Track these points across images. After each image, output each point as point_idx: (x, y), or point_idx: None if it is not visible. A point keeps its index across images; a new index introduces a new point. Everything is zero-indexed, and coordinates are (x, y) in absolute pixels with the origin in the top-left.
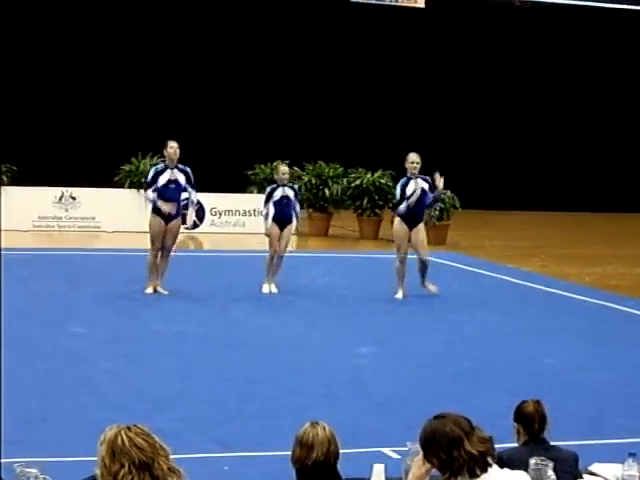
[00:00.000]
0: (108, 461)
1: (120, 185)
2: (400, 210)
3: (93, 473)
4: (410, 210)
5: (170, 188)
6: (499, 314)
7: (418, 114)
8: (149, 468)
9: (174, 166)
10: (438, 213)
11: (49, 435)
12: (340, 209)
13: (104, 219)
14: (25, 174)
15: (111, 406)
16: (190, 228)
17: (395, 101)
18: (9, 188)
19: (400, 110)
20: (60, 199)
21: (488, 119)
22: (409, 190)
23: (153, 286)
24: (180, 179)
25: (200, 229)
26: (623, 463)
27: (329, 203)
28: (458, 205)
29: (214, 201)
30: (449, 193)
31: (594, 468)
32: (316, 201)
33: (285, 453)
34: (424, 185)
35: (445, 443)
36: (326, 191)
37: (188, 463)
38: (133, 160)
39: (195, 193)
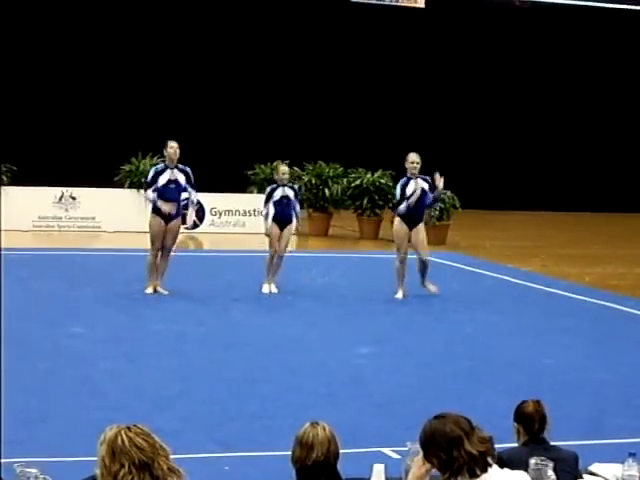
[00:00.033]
0: (108, 461)
1: (120, 185)
2: (400, 210)
3: (93, 473)
4: (410, 210)
5: (170, 188)
6: (499, 314)
7: (418, 114)
8: (149, 468)
9: (174, 166)
10: (438, 213)
11: (49, 435)
12: (340, 209)
13: (104, 219)
14: (25, 174)
15: (111, 406)
16: (190, 228)
17: (395, 101)
18: (9, 188)
19: (400, 110)
20: (60, 199)
21: (488, 119)
22: (409, 190)
23: (153, 286)
24: (180, 179)
25: (200, 229)
26: (623, 463)
27: (329, 203)
28: (458, 205)
29: (214, 201)
30: (449, 193)
31: (594, 468)
32: (316, 201)
33: (285, 453)
34: (424, 185)
35: (445, 443)
36: (326, 191)
37: (188, 463)
38: (133, 160)
39: (195, 193)
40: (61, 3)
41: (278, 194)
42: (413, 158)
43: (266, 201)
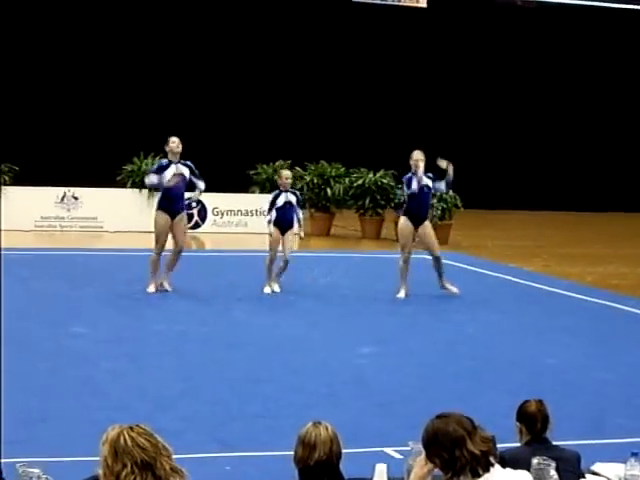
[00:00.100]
0: (110, 461)
1: (122, 185)
2: (413, 189)
3: (95, 473)
4: (414, 207)
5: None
6: (501, 313)
7: (420, 114)
8: (151, 468)
9: (177, 161)
10: (440, 213)
11: (51, 435)
12: (342, 209)
13: (106, 219)
14: (27, 174)
15: (113, 406)
16: (192, 228)
17: (397, 101)
18: (11, 188)
19: (402, 110)
20: (62, 199)
21: (490, 119)
22: (413, 186)
23: (156, 284)
24: (185, 173)
25: (202, 229)
26: (625, 463)
27: (331, 203)
28: (460, 205)
29: (216, 201)
30: (451, 193)
31: (596, 468)
32: (318, 201)
33: (287, 453)
34: (428, 182)
35: (447, 443)
36: (328, 191)
37: (190, 463)
38: (135, 160)
39: (202, 182)
40: (62, 3)
41: (281, 200)
42: (417, 156)
43: (270, 208)
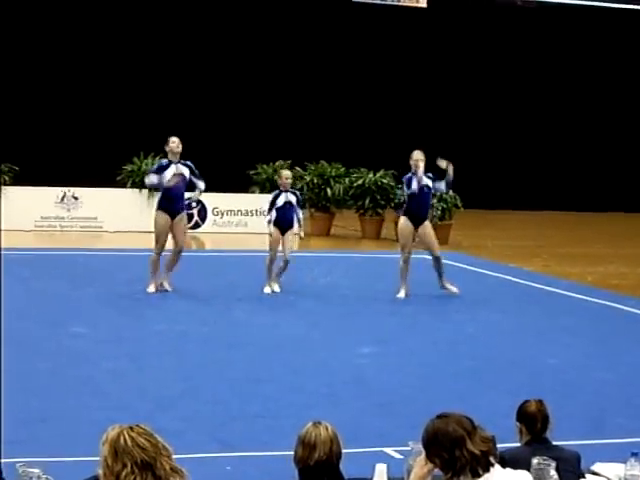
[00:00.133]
0: (110, 461)
1: (122, 185)
2: (413, 189)
3: (95, 473)
4: (414, 207)
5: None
6: (501, 313)
7: (420, 114)
8: (151, 468)
9: (177, 161)
10: (440, 213)
11: (51, 435)
12: (342, 209)
13: (106, 219)
14: (27, 174)
15: (113, 406)
16: (192, 228)
17: (397, 101)
18: (11, 188)
19: (402, 110)
20: (62, 199)
21: (490, 119)
22: (413, 186)
23: (156, 284)
24: (185, 173)
25: (202, 229)
26: (625, 463)
27: (331, 203)
28: (460, 205)
29: (216, 201)
30: (451, 193)
31: (596, 468)
32: (318, 201)
33: (287, 453)
34: (428, 182)
35: (447, 443)
36: (328, 191)
37: (190, 463)
38: (135, 160)
39: (202, 182)
40: (62, 3)
41: (281, 200)
42: (417, 156)
43: (270, 208)
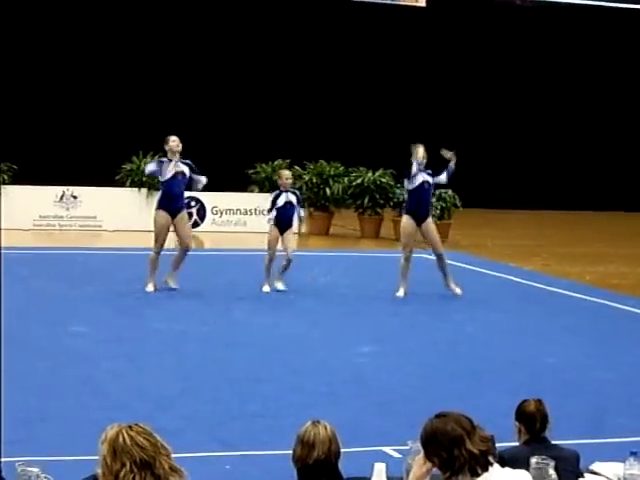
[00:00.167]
0: (109, 460)
1: (121, 184)
2: (412, 171)
3: (94, 472)
4: (415, 204)
5: (177, 180)
6: (500, 313)
7: (419, 113)
8: (150, 467)
9: (177, 160)
10: (439, 212)
11: (50, 434)
12: (341, 208)
13: (105, 218)
14: (26, 173)
15: (112, 405)
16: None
17: (396, 100)
18: (10, 187)
19: (401, 109)
20: (61, 198)
21: (489, 118)
22: (414, 169)
23: (154, 284)
24: (185, 171)
25: (201, 228)
26: (624, 462)
27: (330, 202)
28: (459, 204)
29: (215, 200)
30: (450, 192)
31: (595, 467)
32: (317, 200)
33: (286, 452)
34: (429, 179)
35: (446, 442)
36: (327, 190)
37: (190, 462)
38: (134, 159)
39: (203, 177)
40: (62, 3)
41: (282, 200)
42: (421, 154)
43: (271, 208)
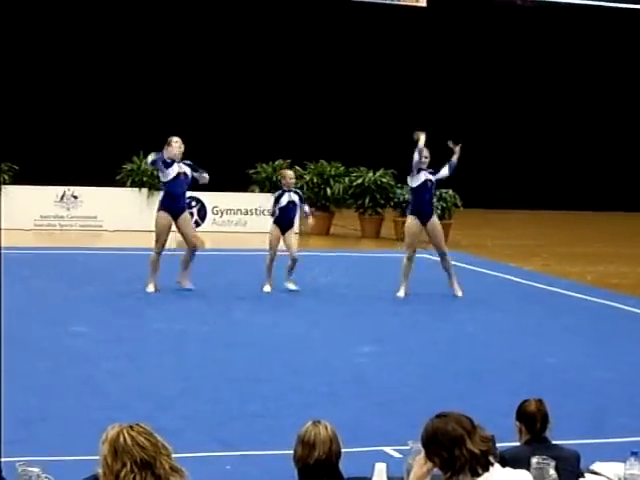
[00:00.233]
0: (110, 460)
1: (122, 184)
2: (414, 160)
3: (95, 472)
4: (419, 203)
5: (180, 180)
6: (501, 313)
7: (420, 113)
8: (151, 467)
9: (180, 161)
10: (440, 212)
11: (51, 434)
12: (342, 208)
13: (106, 218)
14: (27, 173)
15: (113, 405)
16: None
17: (397, 100)
18: (11, 187)
19: (402, 109)
20: (62, 198)
21: (490, 118)
22: (415, 157)
23: (155, 284)
24: (187, 172)
25: (201, 228)
26: (625, 462)
27: (331, 202)
28: (460, 204)
29: (216, 200)
30: (451, 192)
31: (596, 467)
32: (318, 200)
33: (287, 452)
34: (431, 177)
35: (447, 442)
36: (328, 190)
37: (190, 462)
38: (135, 159)
39: (205, 173)
40: (62, 3)
41: (285, 200)
42: (424, 153)
43: (274, 206)
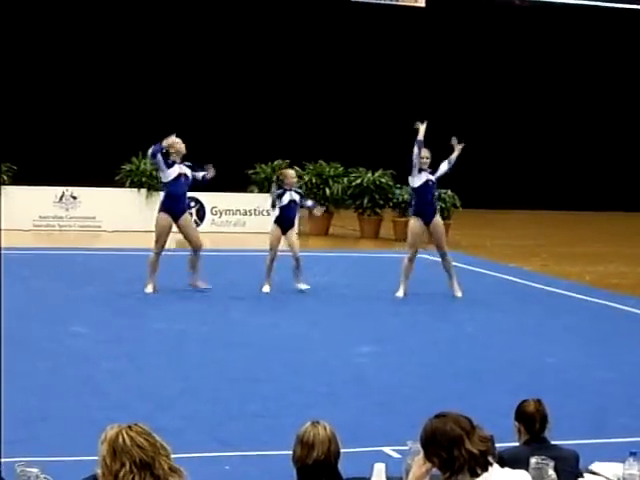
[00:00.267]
0: (109, 460)
1: (121, 184)
2: (414, 153)
3: (94, 472)
4: (422, 204)
5: (181, 182)
6: (500, 313)
7: (419, 114)
8: (150, 467)
9: (180, 162)
10: (439, 212)
11: (50, 434)
12: (341, 208)
13: (105, 218)
14: (26, 173)
15: (112, 405)
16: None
17: (396, 100)
18: (10, 188)
19: (401, 110)
20: (61, 199)
21: (489, 118)
22: (415, 157)
23: (154, 284)
24: (187, 173)
25: (200, 228)
26: (624, 462)
27: (330, 202)
28: (459, 204)
29: (214, 200)
30: (450, 192)
31: (595, 467)
32: (317, 200)
33: (286, 452)
34: (432, 177)
35: (446, 442)
36: (327, 190)
37: (189, 462)
38: (134, 159)
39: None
40: (62, 3)
41: (286, 199)
42: (424, 153)
43: (274, 201)
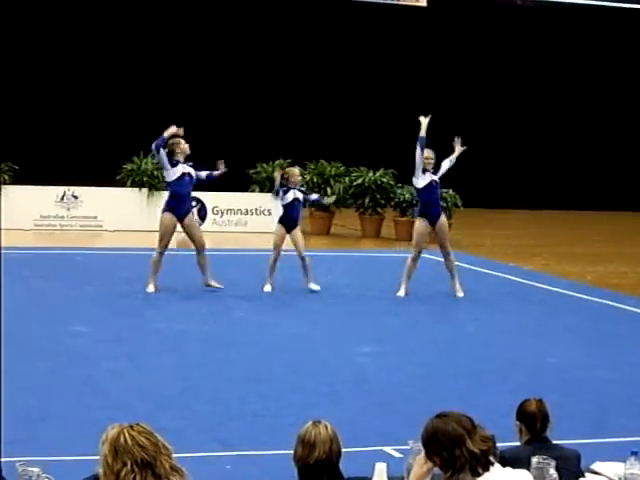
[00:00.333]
0: (110, 460)
1: (122, 184)
2: (417, 152)
3: (95, 472)
4: (427, 205)
5: (185, 180)
6: (501, 313)
7: (420, 113)
8: (151, 467)
9: (184, 162)
10: None
11: (51, 434)
12: (342, 208)
13: (106, 218)
14: (27, 173)
15: (113, 405)
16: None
17: (397, 100)
18: (11, 187)
19: (402, 109)
20: (62, 198)
21: (490, 118)
22: (418, 157)
23: (155, 284)
24: (192, 172)
25: (202, 228)
26: (625, 462)
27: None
28: (459, 204)
29: (216, 200)
30: (451, 192)
31: (596, 467)
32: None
33: (287, 452)
34: (436, 177)
35: (447, 442)
36: (328, 190)
37: (190, 462)
38: (135, 159)
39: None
40: (62, 3)
41: (290, 196)
42: (427, 154)
43: (282, 190)
